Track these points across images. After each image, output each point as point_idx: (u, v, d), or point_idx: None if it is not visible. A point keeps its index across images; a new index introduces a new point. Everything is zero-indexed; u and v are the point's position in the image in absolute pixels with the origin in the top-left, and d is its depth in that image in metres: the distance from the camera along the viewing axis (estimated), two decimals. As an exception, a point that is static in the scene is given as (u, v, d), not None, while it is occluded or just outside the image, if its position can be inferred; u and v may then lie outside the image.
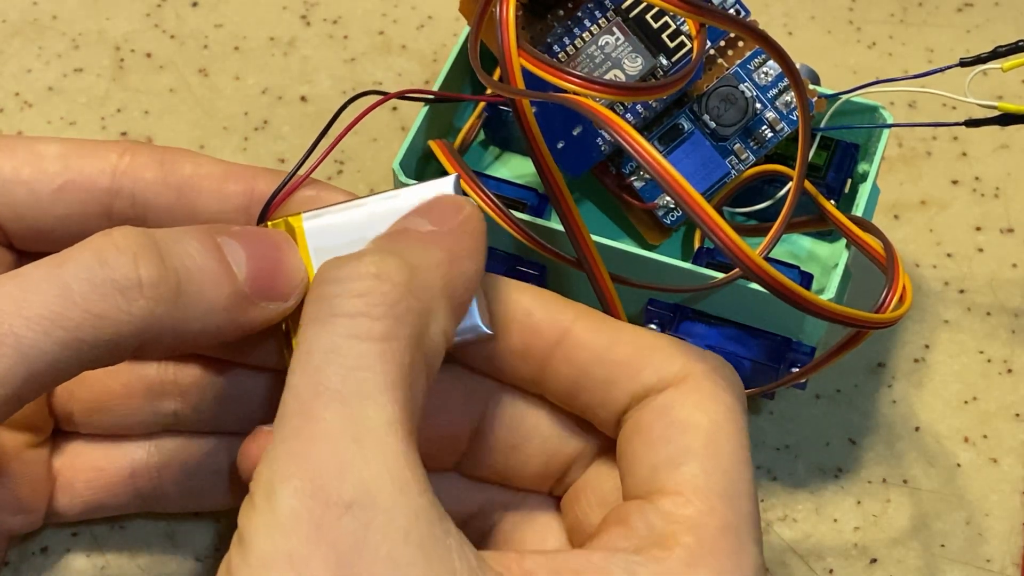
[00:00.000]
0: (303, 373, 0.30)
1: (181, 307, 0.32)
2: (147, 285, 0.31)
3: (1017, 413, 0.44)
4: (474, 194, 0.38)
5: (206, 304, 0.32)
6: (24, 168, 0.36)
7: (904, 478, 0.43)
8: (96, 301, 0.31)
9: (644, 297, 0.39)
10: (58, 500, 0.39)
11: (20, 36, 0.53)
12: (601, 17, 0.40)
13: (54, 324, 0.31)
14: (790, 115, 0.40)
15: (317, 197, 0.36)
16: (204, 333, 0.33)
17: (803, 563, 0.41)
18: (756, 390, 0.39)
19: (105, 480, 0.39)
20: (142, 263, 0.32)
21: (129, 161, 0.36)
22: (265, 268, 0.33)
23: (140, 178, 0.36)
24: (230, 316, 0.33)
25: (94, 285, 0.31)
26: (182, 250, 0.32)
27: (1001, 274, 0.47)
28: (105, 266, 0.31)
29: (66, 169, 0.36)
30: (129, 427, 0.39)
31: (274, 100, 0.51)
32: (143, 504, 0.40)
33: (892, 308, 0.36)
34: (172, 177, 0.36)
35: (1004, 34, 0.52)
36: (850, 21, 0.53)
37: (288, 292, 0.34)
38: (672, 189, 0.31)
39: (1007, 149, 0.50)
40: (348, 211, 0.34)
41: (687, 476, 0.31)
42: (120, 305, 0.31)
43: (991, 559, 0.41)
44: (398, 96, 0.37)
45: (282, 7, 0.53)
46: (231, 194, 0.36)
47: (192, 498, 0.40)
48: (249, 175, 0.36)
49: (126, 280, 0.31)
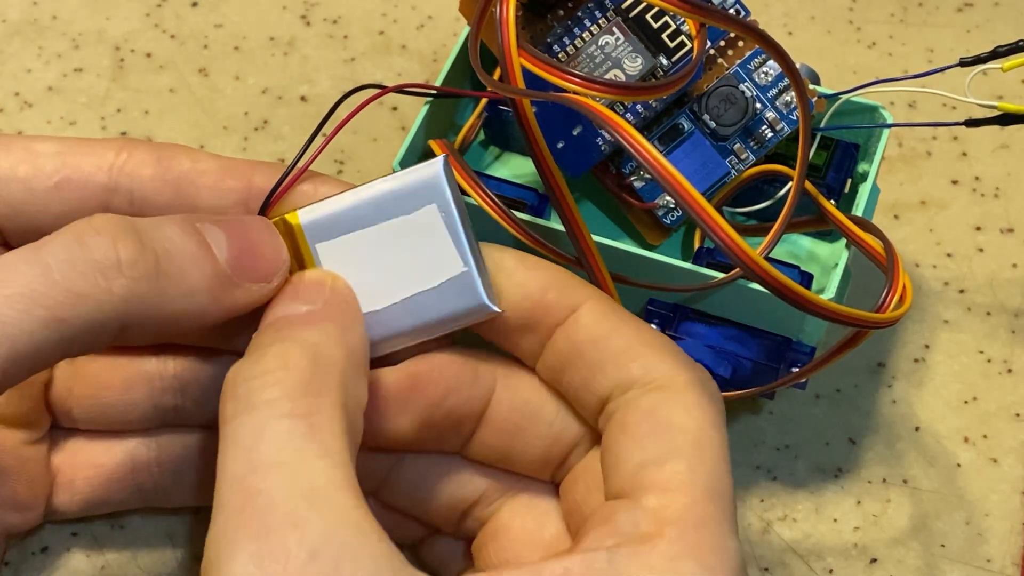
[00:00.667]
0: (234, 458, 0.30)
1: (162, 287, 0.32)
2: (126, 264, 0.32)
3: (1017, 413, 0.44)
4: (474, 194, 0.38)
5: (188, 284, 0.33)
6: (20, 165, 0.36)
7: (904, 478, 0.43)
8: (76, 280, 0.31)
9: (644, 296, 0.39)
10: (58, 497, 0.39)
11: (20, 36, 0.53)
12: (601, 17, 0.40)
13: (34, 303, 0.31)
14: (790, 115, 0.40)
15: (315, 191, 0.36)
16: (189, 314, 0.33)
17: (803, 563, 0.41)
18: (756, 390, 0.39)
19: (105, 476, 0.39)
20: (121, 244, 0.32)
21: (126, 158, 0.36)
22: (246, 249, 0.34)
23: (137, 175, 0.36)
24: (213, 296, 0.33)
25: (73, 264, 0.31)
26: (161, 233, 0.33)
27: (1001, 274, 0.47)
28: (84, 246, 0.32)
29: (63, 166, 0.36)
30: (129, 422, 0.39)
31: (274, 100, 0.51)
32: (144, 499, 0.40)
33: (892, 308, 0.36)
34: (169, 173, 0.36)
35: (1004, 34, 0.52)
36: (850, 21, 0.53)
37: (271, 273, 0.34)
38: (672, 188, 0.31)
39: (1007, 149, 0.50)
40: (341, 203, 0.35)
41: (674, 472, 0.32)
42: (100, 283, 0.31)
43: (991, 559, 0.41)
44: (396, 90, 0.37)
45: (282, 7, 0.53)
46: (229, 189, 0.36)
47: (193, 491, 0.40)
48: (246, 170, 0.37)
49: (105, 259, 0.32)
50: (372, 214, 0.35)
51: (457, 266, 0.34)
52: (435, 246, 0.34)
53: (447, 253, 0.34)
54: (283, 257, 0.35)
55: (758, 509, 0.42)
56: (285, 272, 0.35)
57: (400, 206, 0.35)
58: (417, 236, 0.34)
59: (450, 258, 0.34)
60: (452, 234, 0.34)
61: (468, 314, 0.34)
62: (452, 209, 0.34)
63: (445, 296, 0.34)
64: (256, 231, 0.35)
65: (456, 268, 0.34)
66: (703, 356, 0.39)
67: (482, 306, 0.34)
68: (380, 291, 0.35)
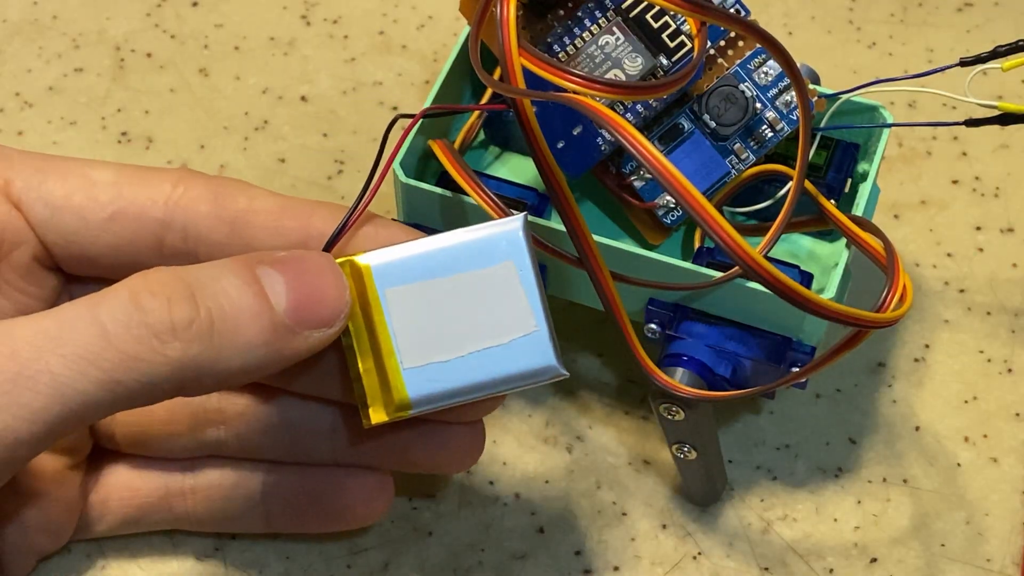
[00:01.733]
0: None
1: (218, 345, 0.32)
2: (180, 328, 0.32)
3: (1017, 413, 0.44)
4: (474, 194, 0.38)
5: (243, 341, 0.32)
6: (76, 194, 0.36)
7: (904, 478, 0.43)
8: (131, 343, 0.31)
9: (645, 296, 0.39)
10: (90, 516, 0.39)
11: (20, 36, 0.53)
12: (601, 17, 0.40)
13: (90, 364, 0.31)
14: (790, 115, 0.40)
15: (376, 234, 0.36)
16: (247, 369, 0.33)
17: (803, 563, 0.41)
18: (756, 390, 0.39)
19: (139, 500, 0.39)
20: (175, 306, 0.32)
21: (183, 192, 0.36)
22: (307, 295, 0.33)
23: (193, 210, 0.36)
24: (271, 349, 0.33)
25: (129, 327, 0.31)
26: (218, 288, 0.32)
27: (1001, 274, 0.47)
28: (140, 309, 0.32)
29: (118, 197, 0.36)
30: (170, 450, 0.39)
31: (274, 100, 0.51)
32: (175, 523, 0.40)
33: (892, 308, 0.36)
34: (225, 212, 0.36)
35: (1004, 34, 0.52)
36: (850, 21, 0.53)
37: (332, 318, 0.34)
38: (673, 188, 0.31)
39: (1007, 149, 0.50)
40: (415, 250, 0.34)
41: None
42: (155, 347, 0.31)
43: (991, 559, 0.41)
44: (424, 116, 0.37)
45: (282, 7, 0.53)
46: (287, 230, 0.36)
47: (223, 521, 0.40)
48: (306, 211, 0.36)
49: (160, 324, 0.32)
50: (445, 264, 0.34)
51: (529, 324, 0.34)
52: (508, 303, 0.34)
53: (520, 310, 0.34)
54: (345, 299, 0.34)
55: (758, 509, 0.42)
56: (347, 316, 0.34)
57: (476, 259, 0.34)
58: (490, 291, 0.34)
59: (523, 316, 0.34)
60: (527, 292, 0.34)
61: (536, 374, 0.34)
62: (529, 267, 0.34)
63: (514, 354, 0.34)
64: (318, 273, 0.34)
65: (528, 327, 0.34)
66: (703, 356, 0.39)
67: (551, 367, 0.34)
68: (447, 342, 0.34)
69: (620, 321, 0.37)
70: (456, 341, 0.34)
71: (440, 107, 0.40)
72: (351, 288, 0.34)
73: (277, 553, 0.41)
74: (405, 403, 0.35)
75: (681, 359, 0.39)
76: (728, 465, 0.43)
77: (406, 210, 0.40)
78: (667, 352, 0.39)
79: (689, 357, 0.39)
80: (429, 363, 0.34)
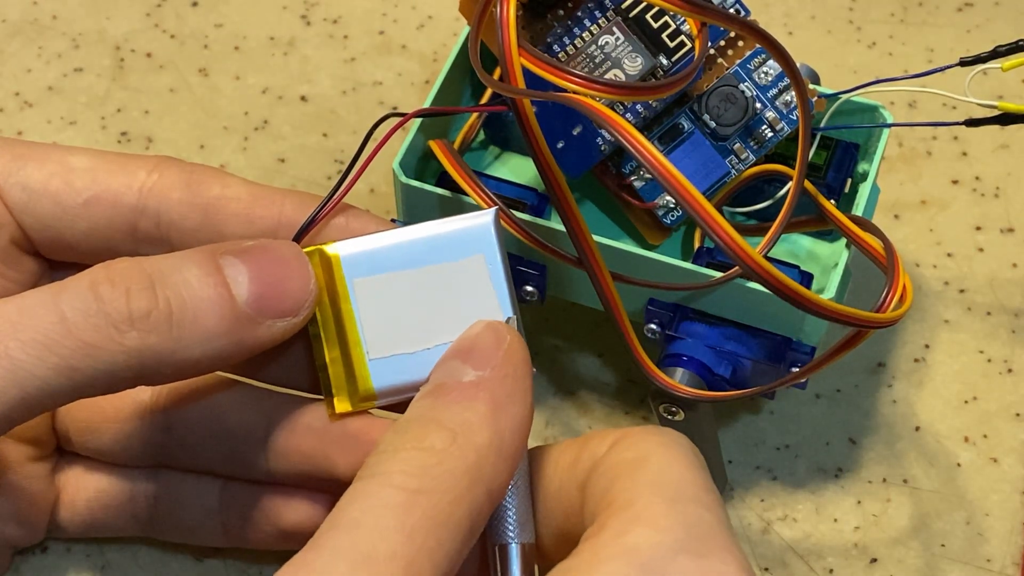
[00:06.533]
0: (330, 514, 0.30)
1: (175, 337, 0.32)
2: (138, 318, 0.32)
3: (1017, 413, 0.44)
4: (474, 194, 0.38)
5: (203, 331, 0.33)
6: (53, 180, 0.36)
7: (904, 478, 0.43)
8: (89, 332, 0.32)
9: (644, 296, 0.39)
10: (60, 516, 0.39)
11: (20, 36, 0.53)
12: (601, 17, 0.40)
13: (48, 350, 0.31)
14: (790, 115, 0.40)
15: (347, 225, 0.36)
16: (208, 358, 0.33)
17: (803, 563, 0.41)
18: (756, 390, 0.39)
19: (106, 501, 0.39)
20: (134, 297, 0.32)
21: (157, 179, 0.36)
22: (270, 285, 0.33)
23: (166, 197, 0.36)
24: (233, 339, 0.33)
25: (87, 316, 0.32)
26: (179, 278, 0.33)
27: (1001, 274, 0.47)
28: (99, 299, 0.32)
29: (93, 183, 0.36)
30: (120, 452, 0.39)
31: (274, 100, 0.51)
32: (141, 529, 0.40)
33: (892, 308, 0.36)
34: (198, 198, 0.36)
35: (1004, 34, 0.52)
36: (850, 21, 0.53)
37: (295, 308, 0.34)
38: (672, 188, 0.31)
39: (1007, 149, 0.50)
40: (384, 241, 0.34)
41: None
42: (112, 336, 0.32)
43: (991, 559, 0.41)
44: (416, 115, 0.37)
45: (282, 7, 0.53)
46: (258, 218, 0.36)
47: (185, 532, 0.40)
48: (277, 199, 0.36)
49: (117, 314, 0.32)
50: (415, 255, 0.34)
51: (498, 319, 0.34)
52: (477, 296, 0.34)
53: (489, 304, 0.34)
54: (310, 289, 0.34)
55: (758, 509, 0.42)
56: (312, 305, 0.34)
57: (445, 251, 0.34)
58: (458, 284, 0.34)
59: (491, 310, 0.34)
60: (496, 286, 0.34)
61: None
62: (499, 261, 0.34)
63: None
64: (283, 263, 0.34)
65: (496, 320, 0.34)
66: (703, 356, 0.39)
67: None
68: (413, 334, 0.34)
69: (620, 321, 0.37)
70: (423, 333, 0.34)
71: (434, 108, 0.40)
72: (319, 277, 0.34)
73: (277, 553, 0.41)
74: (370, 393, 0.35)
75: (681, 359, 0.39)
76: (728, 465, 0.43)
77: (406, 210, 0.41)
78: (667, 352, 0.39)
79: (689, 357, 0.39)
80: (395, 354, 0.34)
